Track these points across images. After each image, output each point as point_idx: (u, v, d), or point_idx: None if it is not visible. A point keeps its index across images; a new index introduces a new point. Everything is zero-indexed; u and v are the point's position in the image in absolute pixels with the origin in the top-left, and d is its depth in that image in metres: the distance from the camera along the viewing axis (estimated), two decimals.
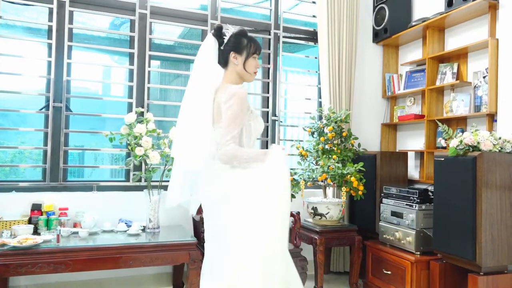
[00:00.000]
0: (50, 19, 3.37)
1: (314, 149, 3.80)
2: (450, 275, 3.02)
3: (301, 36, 4.30)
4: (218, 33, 2.20)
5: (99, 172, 3.82)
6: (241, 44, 2.17)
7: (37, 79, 3.44)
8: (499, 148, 2.77)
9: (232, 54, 2.18)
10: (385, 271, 3.39)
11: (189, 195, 2.25)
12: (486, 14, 3.34)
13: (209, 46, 2.19)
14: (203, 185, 2.16)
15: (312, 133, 3.88)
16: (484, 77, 3.32)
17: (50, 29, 3.37)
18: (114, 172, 3.85)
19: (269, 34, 4.09)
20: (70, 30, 3.42)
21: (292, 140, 4.09)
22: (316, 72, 4.31)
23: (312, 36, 4.30)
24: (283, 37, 4.14)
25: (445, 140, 3.03)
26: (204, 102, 2.13)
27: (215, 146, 2.11)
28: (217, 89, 2.19)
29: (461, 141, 2.81)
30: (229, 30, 2.21)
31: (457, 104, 3.52)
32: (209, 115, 2.12)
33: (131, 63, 3.62)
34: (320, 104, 4.23)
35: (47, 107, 3.34)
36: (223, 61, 2.21)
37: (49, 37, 3.37)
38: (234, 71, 2.20)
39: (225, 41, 2.18)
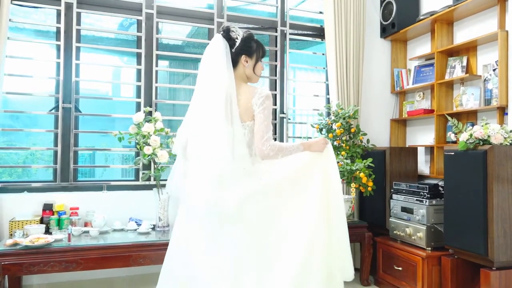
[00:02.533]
0: (58, 21, 3.41)
1: None
2: (462, 270, 2.99)
3: (308, 32, 4.29)
4: (228, 35, 2.22)
5: (110, 172, 3.86)
6: (251, 48, 2.24)
7: (47, 80, 3.48)
8: (510, 141, 2.73)
9: (243, 58, 2.23)
10: (396, 267, 3.37)
11: (217, 193, 2.13)
12: (495, 6, 3.30)
13: (219, 47, 2.20)
14: (229, 184, 2.11)
15: (321, 130, 3.86)
16: (494, 69, 3.28)
17: (58, 31, 3.41)
18: (125, 172, 3.88)
19: (276, 32, 4.09)
20: (78, 31, 3.46)
21: (301, 137, 4.08)
22: (324, 68, 4.29)
23: (319, 33, 4.28)
24: (290, 34, 4.12)
25: (455, 134, 3.00)
26: (222, 102, 2.13)
27: (243, 143, 2.14)
28: (233, 89, 2.17)
29: (471, 135, 2.78)
30: (237, 32, 2.23)
31: (467, 98, 3.48)
32: (228, 114, 2.13)
33: (139, 63, 3.64)
34: (328, 101, 4.21)
35: (56, 108, 3.37)
36: (233, 62, 2.24)
37: (58, 39, 3.41)
38: (244, 73, 2.25)
39: (237, 44, 2.22)
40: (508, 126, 3.01)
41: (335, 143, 3.75)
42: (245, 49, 2.22)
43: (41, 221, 3.10)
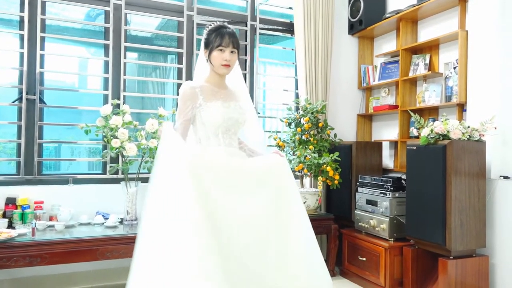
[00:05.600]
0: (22, 10, 3.30)
1: (291, 139, 3.85)
2: (422, 260, 3.12)
3: (278, 27, 4.32)
4: None
5: (76, 165, 3.78)
6: (209, 39, 2.22)
7: (9, 71, 3.37)
8: (468, 137, 2.87)
9: (204, 51, 2.26)
10: (360, 258, 3.48)
11: None
12: (457, 6, 3.43)
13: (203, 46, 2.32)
14: None
15: (289, 124, 3.92)
16: (454, 68, 3.41)
17: (22, 20, 3.30)
18: (91, 166, 3.81)
19: (246, 26, 4.10)
20: (43, 21, 3.36)
21: (270, 131, 4.13)
22: (293, 63, 4.34)
23: (289, 28, 4.32)
24: (260, 28, 4.15)
25: (417, 129, 3.12)
26: None
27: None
28: None
29: (432, 130, 2.90)
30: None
31: (429, 95, 3.62)
32: None
33: (106, 54, 3.58)
34: (297, 95, 4.27)
35: (20, 99, 3.28)
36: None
37: (21, 28, 3.30)
38: (209, 67, 2.25)
39: (202, 40, 2.27)
40: (466, 122, 3.14)
41: (303, 137, 3.82)
42: (204, 43, 2.26)
43: (4, 216, 3.01)
